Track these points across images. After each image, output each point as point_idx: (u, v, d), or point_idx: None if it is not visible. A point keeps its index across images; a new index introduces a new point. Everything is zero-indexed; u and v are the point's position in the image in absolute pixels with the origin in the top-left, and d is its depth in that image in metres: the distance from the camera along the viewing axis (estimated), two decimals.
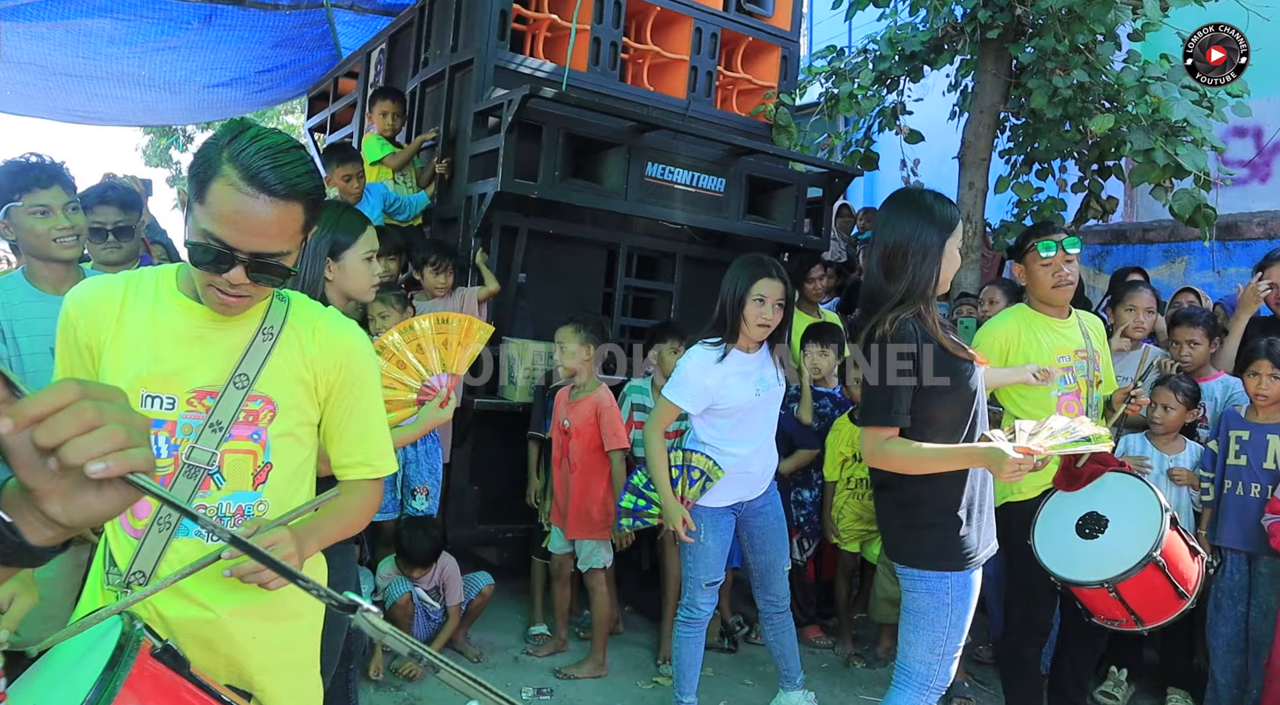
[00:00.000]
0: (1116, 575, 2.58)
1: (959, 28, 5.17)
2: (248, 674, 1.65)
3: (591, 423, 3.63)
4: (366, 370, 1.70)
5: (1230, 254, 5.43)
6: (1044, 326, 3.10)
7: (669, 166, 4.32)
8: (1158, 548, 2.56)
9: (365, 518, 1.75)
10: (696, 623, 3.19)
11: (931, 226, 2.30)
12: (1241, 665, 3.43)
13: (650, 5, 4.66)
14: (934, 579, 2.33)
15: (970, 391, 2.32)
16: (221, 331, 1.55)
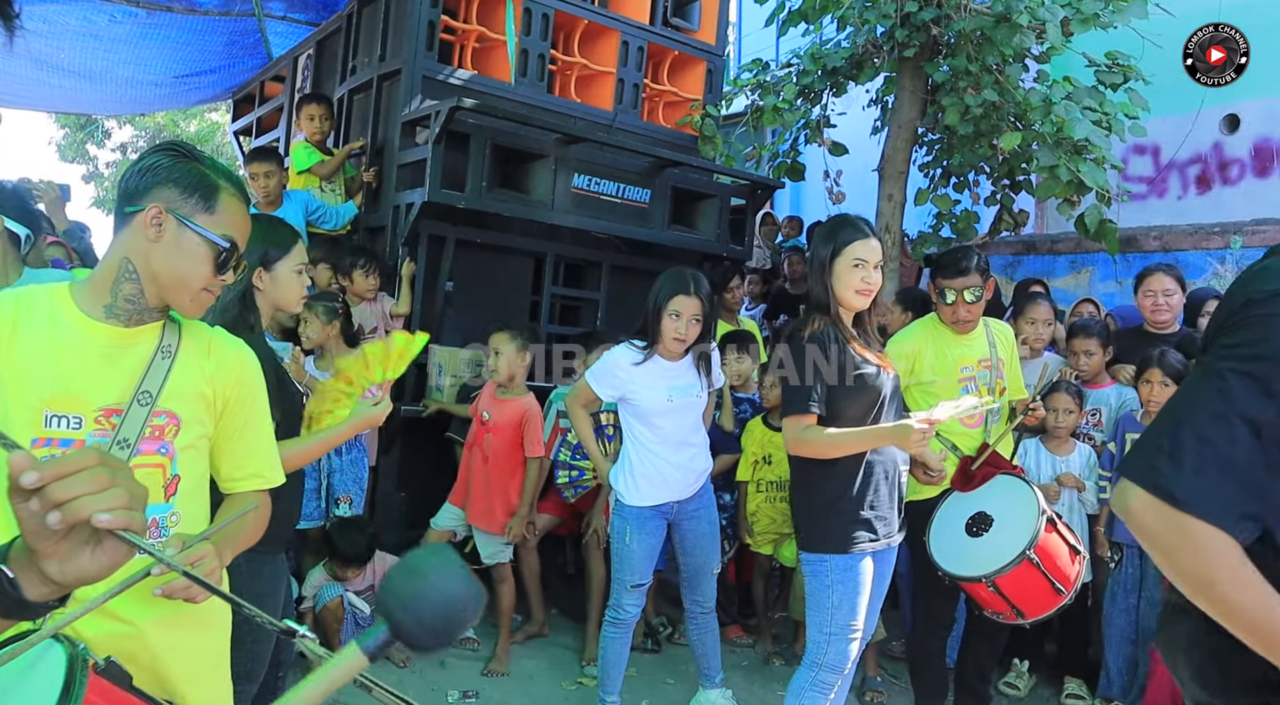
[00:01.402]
0: (994, 571, 2.78)
1: (879, 45, 5.37)
2: (171, 684, 1.68)
3: (515, 426, 3.73)
4: (258, 385, 1.79)
5: (1130, 265, 5.72)
6: (949, 339, 3.28)
7: (595, 178, 4.41)
8: (1031, 547, 2.75)
9: (261, 528, 1.82)
10: (623, 624, 3.28)
11: (824, 246, 2.59)
12: (1132, 654, 3.66)
13: (578, 18, 4.74)
14: (816, 562, 2.61)
15: (875, 392, 2.58)
16: (123, 350, 1.59)
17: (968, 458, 3.11)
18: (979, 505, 2.98)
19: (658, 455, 3.15)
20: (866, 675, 3.89)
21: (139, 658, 1.65)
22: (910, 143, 5.43)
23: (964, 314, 3.20)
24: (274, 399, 2.31)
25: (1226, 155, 5.63)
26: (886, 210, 5.47)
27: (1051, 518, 2.88)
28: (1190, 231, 5.54)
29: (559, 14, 4.65)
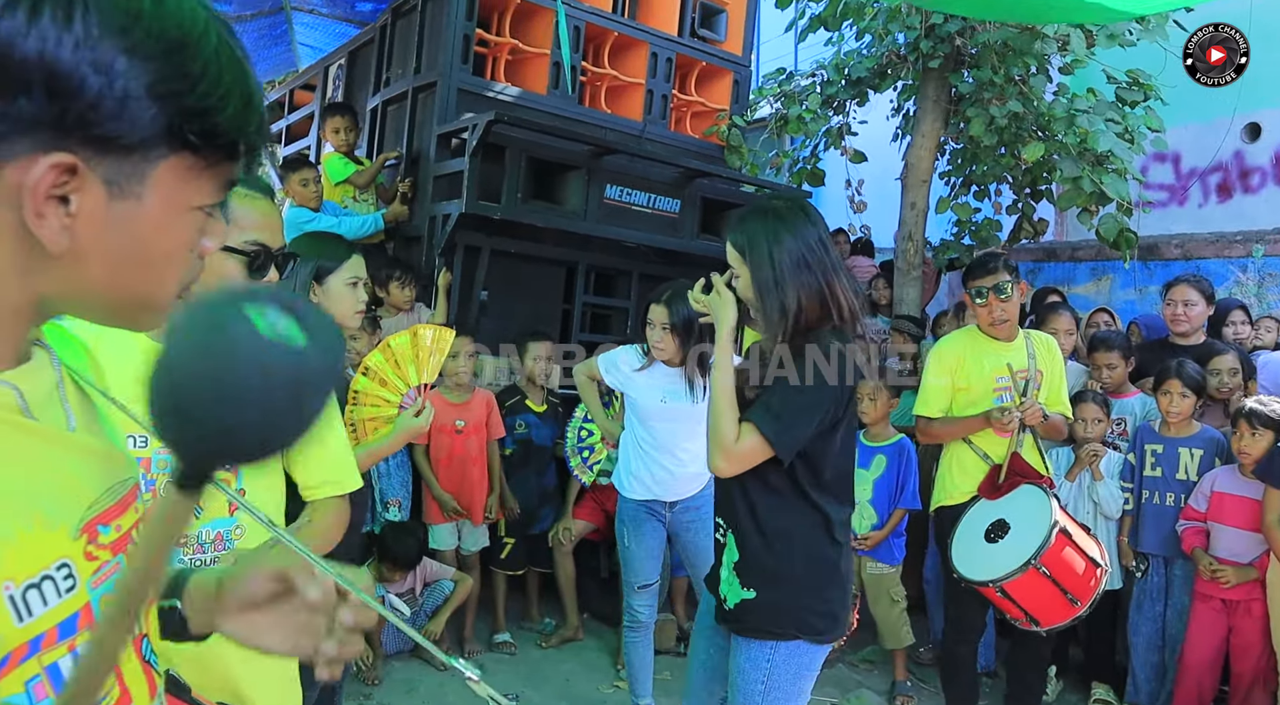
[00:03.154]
0: (1002, 576, 2.89)
1: (902, 56, 5.43)
2: (240, 690, 1.77)
3: (483, 418, 3.98)
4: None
5: (1151, 273, 5.78)
6: (987, 348, 3.34)
7: (627, 188, 4.48)
8: (1038, 556, 2.84)
9: (338, 534, 1.86)
10: (640, 626, 3.36)
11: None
12: (1159, 661, 3.72)
13: (608, 30, 4.81)
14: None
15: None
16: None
17: (996, 466, 3.20)
18: (1000, 513, 3.10)
19: (650, 455, 3.25)
20: (896, 680, 3.97)
21: (211, 666, 1.72)
22: (933, 152, 5.49)
23: (998, 313, 3.24)
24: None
25: (1248, 163, 5.67)
26: (909, 218, 5.53)
27: (1066, 529, 2.95)
28: (1212, 240, 5.59)
29: (590, 26, 4.72)
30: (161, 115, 0.60)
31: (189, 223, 0.67)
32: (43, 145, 0.58)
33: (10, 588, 0.63)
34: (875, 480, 3.91)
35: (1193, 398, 3.66)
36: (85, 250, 0.62)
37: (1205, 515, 3.57)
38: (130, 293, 0.66)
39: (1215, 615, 3.52)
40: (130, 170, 0.61)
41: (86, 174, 0.59)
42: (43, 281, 0.64)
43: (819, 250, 1.97)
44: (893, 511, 3.89)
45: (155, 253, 0.65)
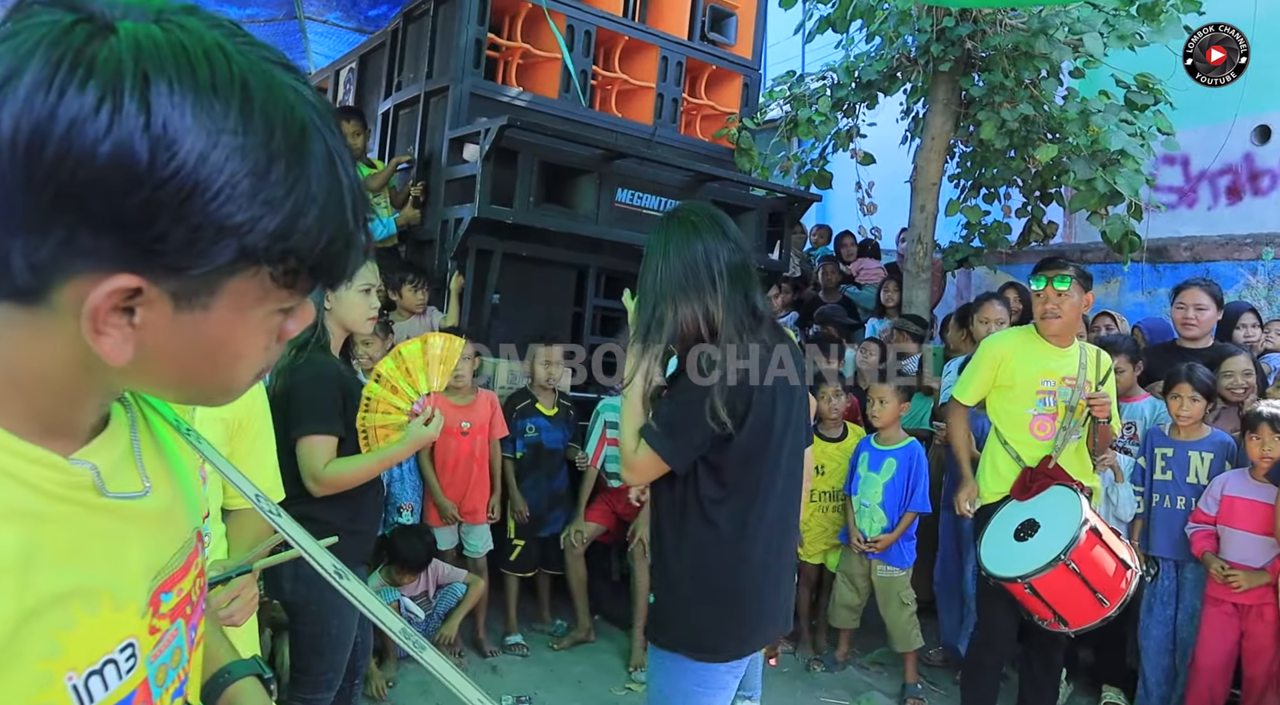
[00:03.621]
0: (1030, 572, 2.90)
1: (912, 59, 5.44)
2: None
3: (487, 418, 4.00)
4: (264, 405, 1.91)
5: (1160, 276, 5.78)
6: (1038, 351, 3.34)
7: (638, 192, 4.50)
8: (1068, 552, 2.85)
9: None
10: None
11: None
12: (1170, 664, 3.73)
13: (619, 34, 4.83)
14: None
15: None
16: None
17: (1028, 469, 3.21)
18: (1030, 513, 3.12)
19: None
20: (906, 683, 3.98)
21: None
22: (943, 155, 5.51)
23: (1051, 306, 3.24)
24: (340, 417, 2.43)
25: (1258, 166, 5.68)
26: (919, 221, 5.55)
27: (1096, 528, 2.96)
28: (1222, 242, 5.59)
29: (600, 30, 4.74)
30: (238, 249, 0.57)
31: (264, 326, 0.64)
32: (106, 267, 0.55)
33: (73, 677, 0.62)
34: (885, 484, 3.92)
35: (1203, 401, 3.66)
36: (150, 355, 0.60)
37: (1215, 519, 3.57)
38: (201, 385, 0.66)
39: (1227, 619, 3.52)
40: (199, 287, 0.58)
41: (151, 291, 0.57)
42: (112, 377, 0.63)
43: (703, 268, 1.94)
44: (903, 515, 3.90)
45: (225, 355, 0.63)
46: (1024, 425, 3.30)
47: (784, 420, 1.99)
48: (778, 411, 1.97)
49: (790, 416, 2.01)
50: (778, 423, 1.97)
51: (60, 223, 0.53)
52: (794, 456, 2.04)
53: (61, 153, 0.52)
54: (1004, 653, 3.40)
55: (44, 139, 0.51)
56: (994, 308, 4.43)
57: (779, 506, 2.00)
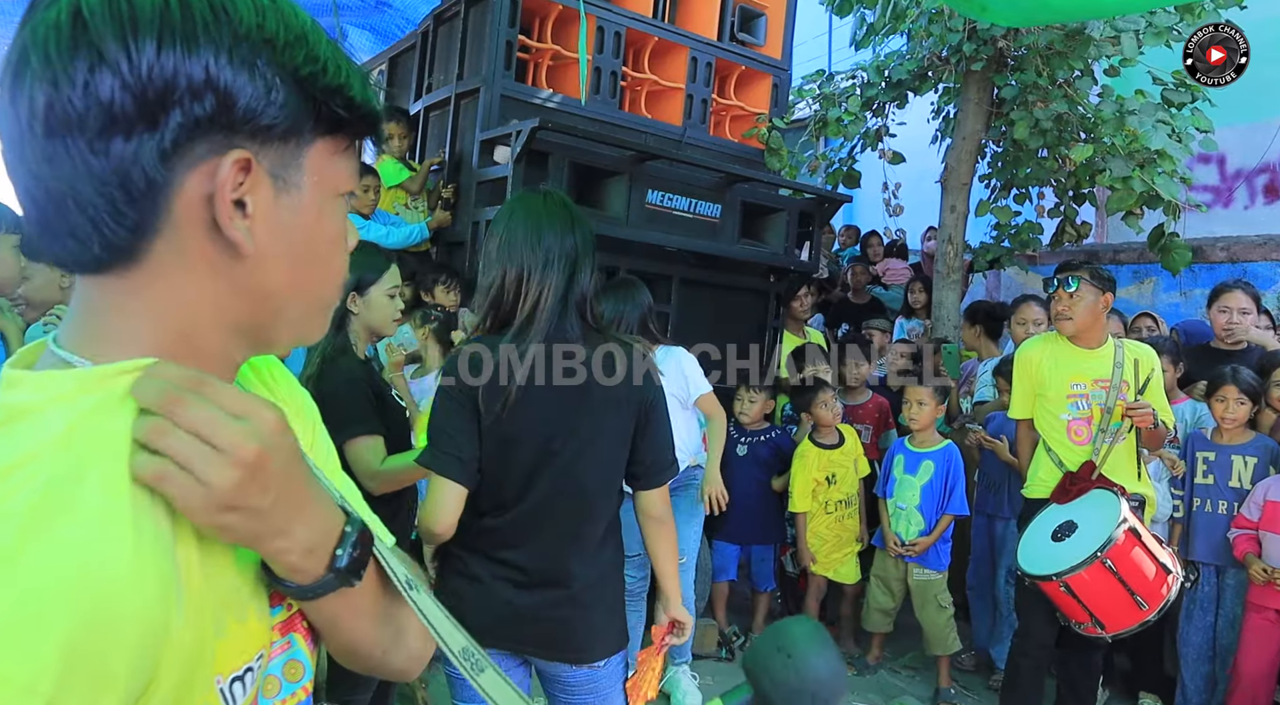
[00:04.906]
0: (1064, 569, 2.87)
1: (944, 59, 5.40)
2: None
3: None
4: (321, 424, 1.93)
5: (1196, 276, 5.70)
6: (1067, 354, 3.32)
7: (668, 194, 4.48)
8: (1104, 549, 2.82)
9: None
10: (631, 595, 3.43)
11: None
12: (1210, 672, 3.67)
13: (648, 35, 4.82)
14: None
15: None
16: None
17: (1069, 473, 3.18)
18: (1069, 515, 3.10)
19: None
20: (940, 687, 3.95)
21: None
22: (974, 155, 5.46)
23: (1062, 308, 3.24)
24: (377, 417, 2.43)
25: None
26: (949, 221, 5.51)
27: (1135, 529, 2.92)
28: (1260, 242, 5.51)
29: (630, 31, 4.73)
30: (306, 98, 0.64)
31: (339, 210, 0.70)
32: (219, 148, 0.61)
33: (220, 682, 0.64)
34: (923, 486, 3.89)
35: (1249, 404, 3.61)
36: (265, 253, 0.65)
37: (1258, 524, 3.51)
38: (309, 292, 0.70)
39: (1270, 626, 3.46)
40: (289, 160, 0.65)
41: (257, 170, 0.63)
42: (233, 306, 0.66)
43: (533, 246, 1.85)
44: (940, 517, 3.87)
45: (320, 243, 0.69)
46: (1061, 430, 3.28)
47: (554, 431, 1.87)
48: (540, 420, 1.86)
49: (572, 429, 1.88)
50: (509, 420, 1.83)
51: (163, 108, 0.59)
52: (567, 475, 1.88)
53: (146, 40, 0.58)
54: (1042, 659, 3.36)
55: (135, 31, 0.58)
56: (1032, 308, 4.39)
57: (532, 519, 1.88)
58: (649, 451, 1.95)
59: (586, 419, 1.88)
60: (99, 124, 0.57)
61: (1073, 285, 3.19)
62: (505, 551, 1.89)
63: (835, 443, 4.24)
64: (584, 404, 1.87)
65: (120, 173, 0.59)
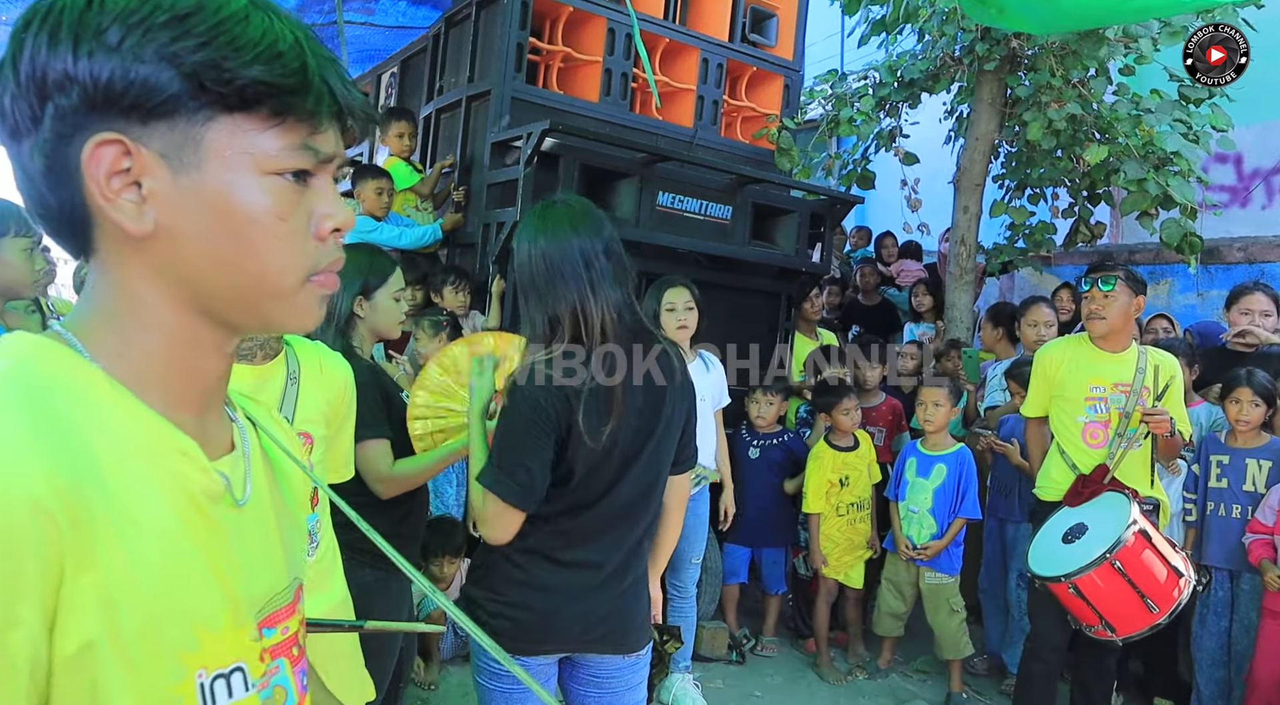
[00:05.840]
0: (1073, 571, 2.85)
1: (957, 58, 5.37)
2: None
3: None
4: (353, 394, 2.00)
5: (1212, 277, 5.65)
6: (1089, 356, 3.31)
7: (679, 195, 4.47)
8: (1113, 551, 2.80)
9: None
10: None
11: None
12: (1224, 677, 3.64)
13: (660, 37, 4.81)
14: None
15: None
16: (264, 385, 1.78)
17: (1081, 476, 3.16)
18: (1080, 517, 3.09)
19: None
20: (951, 691, 3.93)
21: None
22: (987, 155, 5.43)
23: (1096, 307, 3.22)
24: (386, 419, 2.44)
25: None
26: (962, 222, 5.48)
27: (1146, 531, 2.91)
28: (1277, 243, 5.45)
29: (641, 33, 4.71)
30: (178, 74, 0.63)
31: (265, 188, 0.67)
32: (92, 131, 0.63)
33: (203, 676, 0.65)
34: (935, 489, 3.87)
35: (1264, 407, 3.57)
36: (174, 230, 0.66)
37: (1273, 529, 3.48)
38: (239, 271, 0.68)
39: None
40: (180, 139, 0.64)
41: (141, 151, 0.64)
42: (166, 285, 0.68)
43: (580, 262, 1.80)
44: (952, 521, 3.85)
45: (236, 221, 0.66)
46: (1076, 432, 3.26)
47: (636, 431, 1.85)
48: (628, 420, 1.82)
49: (644, 427, 1.86)
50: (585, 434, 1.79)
51: (41, 105, 0.63)
52: (645, 473, 1.88)
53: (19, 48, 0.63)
54: (1054, 664, 3.34)
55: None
56: (1042, 310, 4.36)
57: (609, 518, 1.87)
58: (687, 441, 2.01)
59: (660, 418, 1.89)
60: (9, 129, 0.65)
61: (1109, 285, 3.17)
62: (574, 551, 1.86)
63: (850, 445, 4.22)
64: (659, 404, 1.88)
65: (34, 170, 0.65)
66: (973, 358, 4.85)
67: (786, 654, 4.40)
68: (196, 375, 0.71)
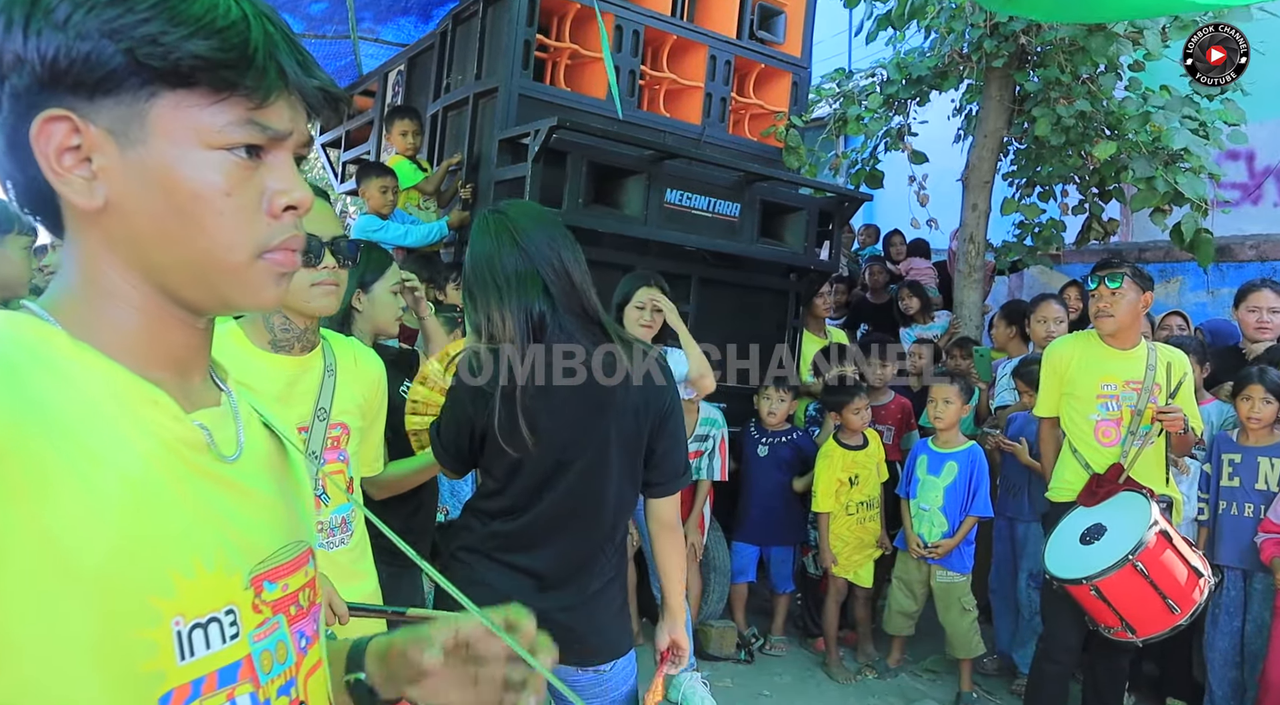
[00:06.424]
0: (1095, 573, 2.82)
1: (965, 55, 5.34)
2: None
3: None
4: (385, 389, 2.05)
5: (1223, 275, 5.62)
6: (1099, 353, 3.29)
7: (687, 193, 4.46)
8: (1136, 552, 2.78)
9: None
10: None
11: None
12: (1238, 678, 3.60)
13: (667, 34, 4.79)
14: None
15: None
16: (302, 376, 1.81)
17: (1096, 475, 3.14)
18: (1097, 518, 3.05)
19: None
20: (961, 691, 3.90)
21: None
22: (996, 152, 5.40)
23: (1104, 304, 3.19)
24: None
25: None
26: (971, 220, 5.45)
27: (1167, 532, 2.88)
28: None
29: (649, 30, 4.71)
30: (118, 50, 0.63)
31: (210, 164, 0.67)
32: (42, 108, 0.64)
33: (179, 623, 0.65)
34: (946, 487, 3.85)
35: (1275, 404, 3.54)
36: (124, 206, 0.66)
37: None
38: (185, 247, 0.68)
39: None
40: (126, 115, 0.65)
41: (89, 128, 0.64)
42: (118, 258, 0.69)
43: (485, 268, 1.85)
44: (963, 519, 3.83)
45: (182, 195, 0.66)
46: (1089, 431, 3.24)
47: (581, 432, 1.85)
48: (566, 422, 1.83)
49: (595, 430, 1.85)
50: (563, 434, 1.83)
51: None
52: (590, 474, 1.86)
53: None
54: (1068, 665, 3.31)
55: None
56: (1051, 307, 4.34)
57: (546, 525, 1.86)
58: (663, 457, 1.93)
59: (599, 426, 1.84)
60: None
61: (1117, 283, 3.15)
62: (515, 555, 1.87)
63: (860, 444, 4.20)
64: (597, 411, 1.84)
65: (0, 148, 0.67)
66: (985, 356, 4.82)
67: (795, 653, 4.38)
68: (166, 344, 0.72)
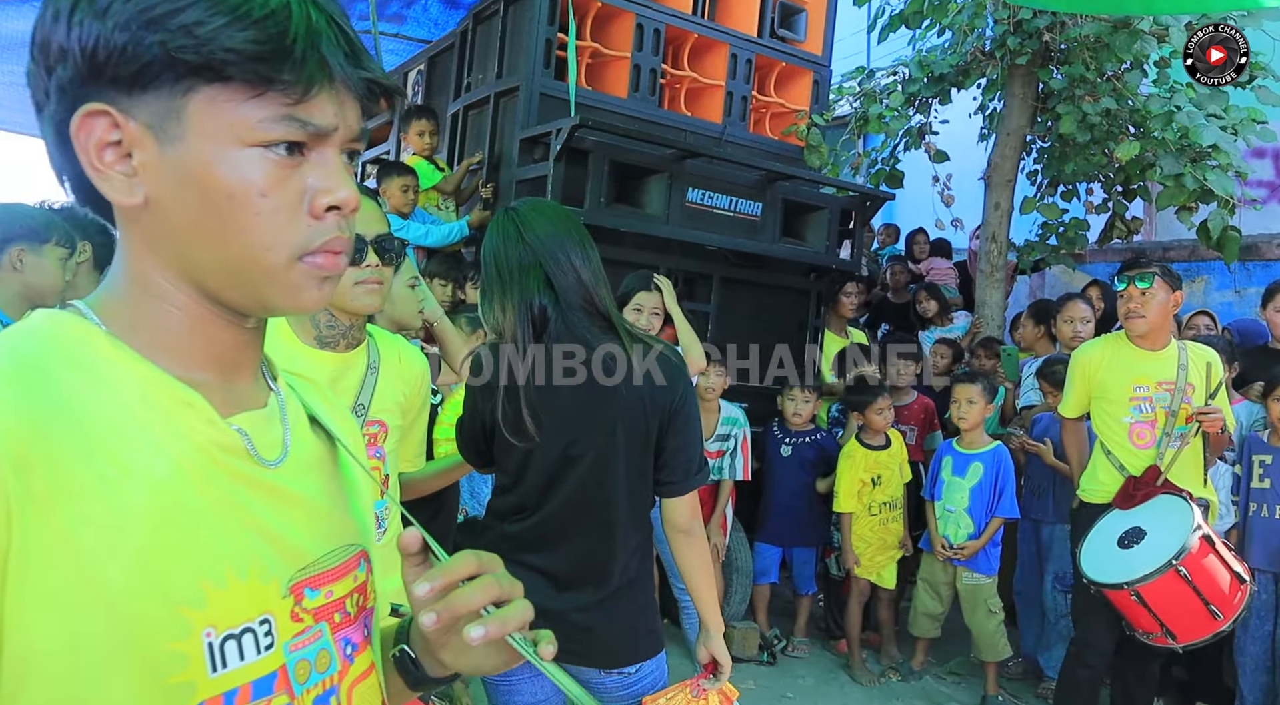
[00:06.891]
0: (1138, 578, 2.77)
1: (988, 53, 5.30)
2: None
3: None
4: (428, 387, 2.04)
5: (1250, 274, 5.55)
6: (1129, 355, 3.24)
7: (709, 192, 4.44)
8: (1179, 557, 2.72)
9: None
10: None
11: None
12: (1269, 683, 3.55)
13: (688, 32, 4.77)
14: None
15: None
16: (345, 372, 1.80)
17: (1132, 478, 3.09)
18: (1136, 521, 3.00)
19: None
20: (986, 694, 3.87)
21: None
22: (1019, 151, 5.36)
23: (1135, 304, 3.14)
24: None
25: None
26: (993, 219, 5.41)
27: (1210, 537, 2.83)
28: None
29: (670, 28, 4.69)
30: (156, 43, 0.61)
31: (246, 161, 0.64)
32: (85, 102, 0.64)
33: (211, 635, 0.62)
34: (972, 488, 3.82)
35: None
36: (162, 204, 0.65)
37: None
38: (221, 246, 0.66)
39: None
40: (164, 109, 0.63)
41: (129, 123, 0.63)
42: (158, 255, 0.68)
43: (492, 265, 1.85)
44: (989, 520, 3.79)
45: (217, 194, 0.64)
46: (1123, 434, 3.19)
47: (582, 430, 1.82)
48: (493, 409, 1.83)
49: (599, 427, 1.82)
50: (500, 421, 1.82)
51: (45, 74, 0.65)
52: (598, 470, 1.83)
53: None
54: (1100, 669, 3.27)
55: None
56: (1078, 306, 4.29)
57: (557, 524, 1.84)
58: (673, 454, 1.88)
59: (605, 420, 1.82)
60: (35, 104, 0.67)
61: (1147, 282, 3.10)
62: (529, 555, 1.84)
63: (883, 445, 4.17)
64: (601, 404, 1.81)
65: (51, 143, 0.67)
66: (1012, 356, 4.78)
67: (818, 655, 4.35)
68: (210, 345, 0.70)
